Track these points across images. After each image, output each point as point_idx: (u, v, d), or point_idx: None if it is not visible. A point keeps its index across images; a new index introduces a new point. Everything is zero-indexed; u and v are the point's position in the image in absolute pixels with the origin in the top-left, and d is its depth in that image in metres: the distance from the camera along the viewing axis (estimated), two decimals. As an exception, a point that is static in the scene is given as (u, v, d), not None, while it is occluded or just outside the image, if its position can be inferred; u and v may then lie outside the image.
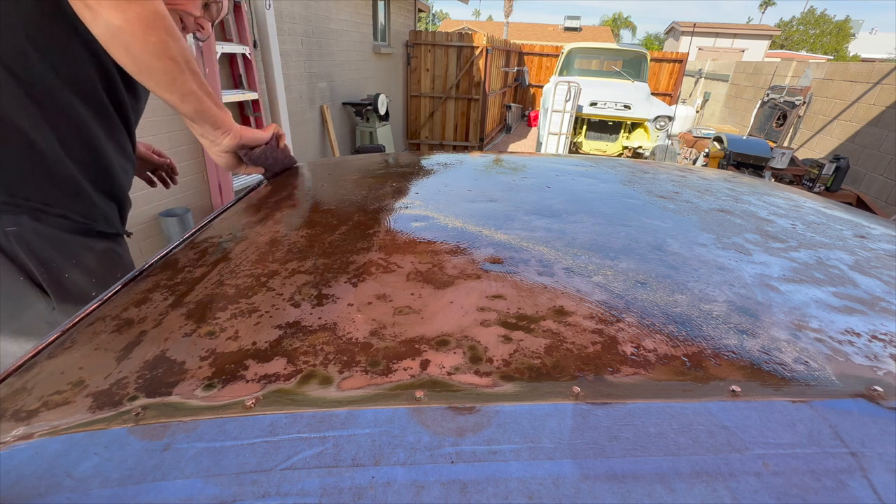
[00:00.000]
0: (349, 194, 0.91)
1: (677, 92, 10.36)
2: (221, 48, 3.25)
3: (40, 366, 0.45)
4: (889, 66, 5.53)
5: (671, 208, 0.86)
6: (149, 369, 0.43)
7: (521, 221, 0.76)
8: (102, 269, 0.91)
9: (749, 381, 0.40)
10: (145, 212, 3.00)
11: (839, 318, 0.51)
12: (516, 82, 11.47)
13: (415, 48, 7.73)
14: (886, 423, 0.36)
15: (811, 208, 0.93)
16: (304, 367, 0.42)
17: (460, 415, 0.37)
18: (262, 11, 3.69)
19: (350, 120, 6.06)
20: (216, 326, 0.49)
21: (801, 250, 0.69)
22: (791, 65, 8.03)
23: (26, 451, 0.35)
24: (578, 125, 6.70)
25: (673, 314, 0.50)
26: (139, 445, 0.35)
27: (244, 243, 0.69)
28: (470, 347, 0.45)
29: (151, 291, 0.57)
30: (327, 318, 0.49)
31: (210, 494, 0.31)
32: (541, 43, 16.03)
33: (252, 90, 3.66)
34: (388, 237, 0.69)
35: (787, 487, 0.31)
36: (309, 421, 0.36)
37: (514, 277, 0.57)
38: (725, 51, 27.86)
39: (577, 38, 26.20)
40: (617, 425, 0.36)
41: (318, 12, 4.89)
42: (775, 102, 6.22)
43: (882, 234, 0.79)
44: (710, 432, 0.35)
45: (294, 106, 4.51)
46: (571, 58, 7.66)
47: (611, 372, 0.41)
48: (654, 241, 0.69)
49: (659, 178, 1.10)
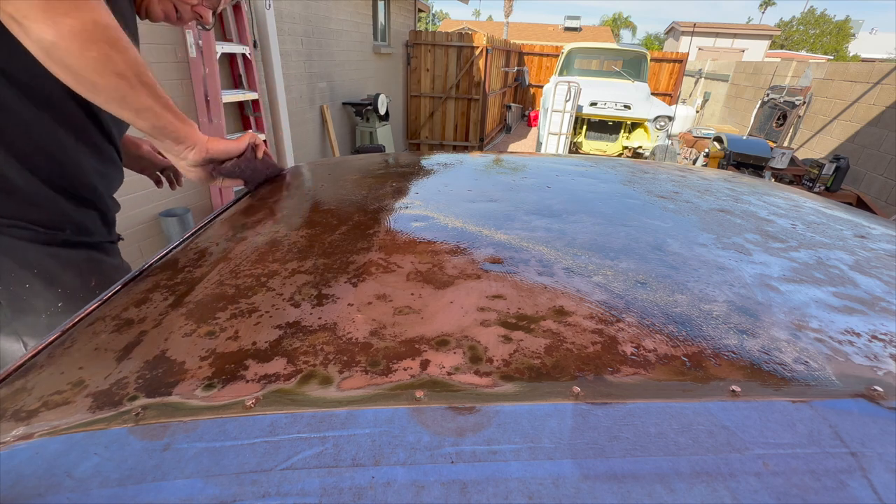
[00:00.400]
0: (349, 194, 0.91)
1: (677, 92, 10.36)
2: (221, 48, 3.25)
3: (40, 366, 0.45)
4: (889, 66, 5.53)
5: (671, 208, 0.86)
6: (149, 369, 0.43)
7: (521, 221, 0.76)
8: (73, 277, 0.86)
9: (749, 381, 0.40)
10: (145, 212, 3.00)
11: (839, 318, 0.51)
12: (516, 82, 11.46)
13: (415, 48, 7.73)
14: (886, 423, 0.36)
15: (811, 208, 0.93)
16: (304, 367, 0.42)
17: (460, 415, 0.37)
18: (262, 11, 3.69)
19: (350, 120, 6.06)
20: (216, 326, 0.49)
21: (801, 250, 0.69)
22: (791, 65, 8.03)
23: (26, 451, 0.35)
24: (578, 125, 6.70)
25: (673, 314, 0.50)
26: (139, 445, 0.35)
27: (244, 243, 0.69)
28: (470, 347, 0.45)
29: (151, 291, 0.57)
30: (327, 318, 0.49)
31: (210, 494, 0.31)
32: (541, 43, 16.03)
33: (252, 90, 3.66)
34: (388, 237, 0.69)
35: (787, 487, 0.31)
36: (309, 421, 0.36)
37: (514, 277, 0.57)
38: (725, 51, 27.86)
39: (577, 38, 26.20)
40: (617, 425, 0.36)
41: (318, 12, 4.89)
42: (775, 102, 6.22)
43: (882, 234, 0.79)
44: (710, 432, 0.35)
45: (294, 106, 4.51)
46: (571, 58, 7.66)
47: (611, 372, 0.41)
48: (654, 241, 0.69)
49: (659, 178, 1.10)
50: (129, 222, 2.90)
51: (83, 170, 0.84)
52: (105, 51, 0.64)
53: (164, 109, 0.74)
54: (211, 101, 3.21)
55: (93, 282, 0.88)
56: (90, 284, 0.87)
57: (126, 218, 2.86)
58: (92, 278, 0.88)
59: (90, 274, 0.89)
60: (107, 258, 0.94)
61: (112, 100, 0.68)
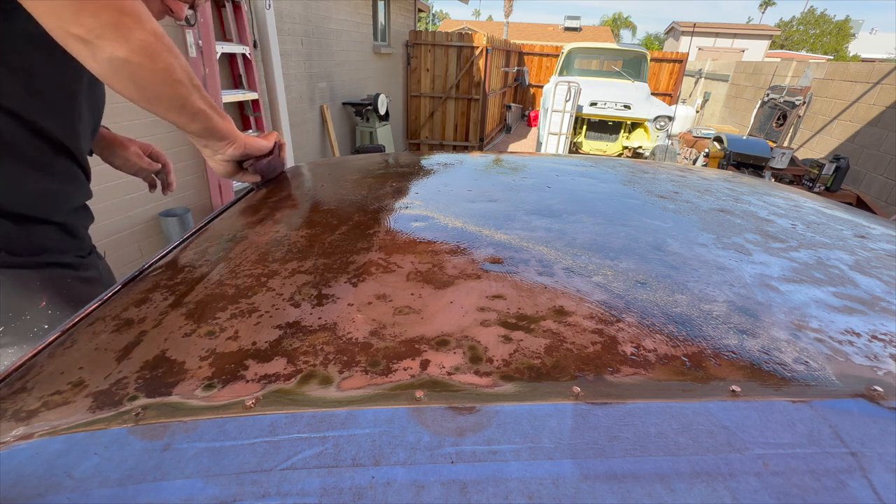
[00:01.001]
0: (349, 194, 0.91)
1: (677, 92, 10.36)
2: (221, 48, 3.25)
3: (40, 366, 0.45)
4: (889, 66, 5.53)
5: (671, 208, 0.86)
6: (149, 369, 0.43)
7: (521, 221, 0.75)
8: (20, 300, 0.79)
9: (749, 381, 0.40)
10: (145, 212, 3.00)
11: (839, 318, 0.51)
12: (516, 82, 11.46)
13: (415, 48, 7.73)
14: (886, 423, 0.36)
15: (811, 208, 0.93)
16: (304, 367, 0.42)
17: (460, 415, 0.37)
18: (262, 11, 3.69)
19: (350, 120, 6.06)
20: (216, 326, 0.49)
21: (801, 250, 0.69)
22: (791, 65, 8.03)
23: (26, 451, 0.35)
24: (578, 125, 6.70)
25: (673, 314, 0.50)
26: (139, 445, 0.35)
27: (244, 243, 0.69)
28: (470, 347, 0.45)
29: (151, 291, 0.57)
30: (327, 318, 0.49)
31: (210, 494, 0.31)
32: (541, 43, 16.03)
33: (252, 90, 3.66)
34: (388, 237, 0.69)
35: (787, 487, 0.31)
36: (309, 421, 0.36)
37: (514, 277, 0.57)
38: (725, 51, 27.86)
39: (577, 38, 26.20)
40: (617, 425, 0.36)
41: (318, 12, 4.89)
42: (775, 102, 6.22)
43: (882, 234, 0.79)
44: (710, 432, 0.35)
45: (294, 106, 4.51)
46: (571, 58, 7.67)
47: (611, 372, 0.41)
48: (654, 241, 0.69)
49: (659, 178, 1.10)
50: (129, 222, 2.90)
51: (21, 188, 0.77)
52: (169, 60, 0.65)
53: (212, 110, 0.75)
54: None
55: (42, 302, 0.82)
56: (39, 305, 0.81)
57: (126, 218, 2.86)
58: (42, 298, 0.82)
59: (39, 293, 0.82)
60: (73, 273, 0.87)
61: (173, 107, 0.69)
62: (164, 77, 0.65)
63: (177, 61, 0.67)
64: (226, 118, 0.80)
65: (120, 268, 2.84)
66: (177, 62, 0.67)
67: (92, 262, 0.93)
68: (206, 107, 0.74)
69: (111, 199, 2.70)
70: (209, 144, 0.81)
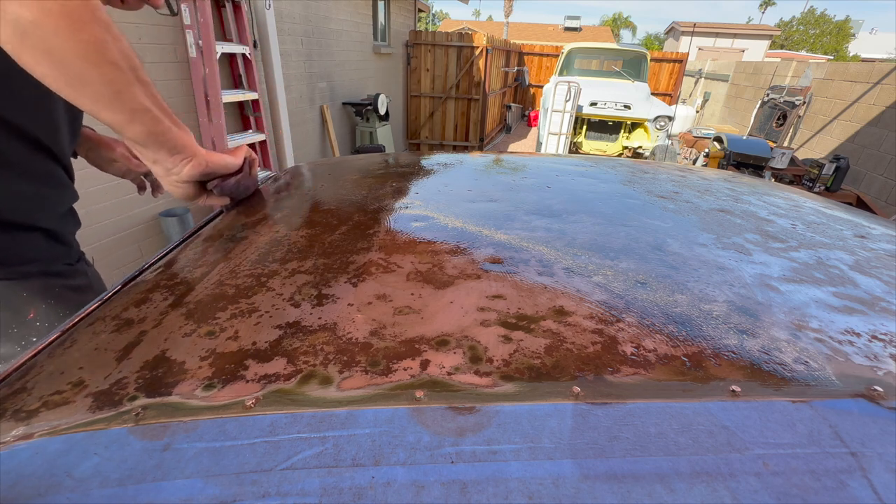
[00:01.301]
0: (349, 194, 0.91)
1: (677, 92, 10.36)
2: (221, 48, 3.25)
3: (40, 366, 0.45)
4: (889, 66, 5.53)
5: (671, 208, 0.86)
6: (149, 369, 0.43)
7: (521, 221, 0.75)
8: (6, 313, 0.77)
9: (749, 381, 0.40)
10: (145, 212, 3.00)
11: (839, 318, 0.51)
12: (516, 82, 11.47)
13: (415, 48, 7.73)
14: (886, 423, 0.36)
15: (811, 208, 0.93)
16: (304, 367, 0.42)
17: (460, 415, 0.37)
18: (262, 11, 3.69)
19: (350, 120, 6.07)
20: (216, 326, 0.49)
21: (801, 250, 0.69)
22: (791, 65, 8.03)
23: (26, 451, 0.35)
24: (578, 125, 6.71)
25: (673, 314, 0.50)
26: (139, 445, 0.35)
27: (244, 243, 0.69)
28: (470, 347, 0.45)
29: (151, 291, 0.57)
30: (327, 318, 0.49)
31: (210, 494, 0.31)
32: (541, 43, 16.03)
33: (252, 90, 3.67)
34: (388, 237, 0.69)
35: (787, 487, 0.31)
36: (309, 421, 0.36)
37: (514, 277, 0.57)
38: (725, 51, 27.86)
39: (577, 38, 26.20)
40: (617, 425, 0.36)
41: (318, 12, 4.89)
42: (775, 102, 6.22)
43: (882, 234, 0.79)
44: (710, 432, 0.35)
45: (294, 106, 4.51)
46: (571, 58, 7.67)
47: (611, 372, 0.41)
48: (654, 241, 0.69)
49: (659, 178, 1.10)
50: (129, 222, 2.90)
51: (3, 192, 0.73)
52: (99, 34, 0.52)
53: (161, 113, 0.62)
54: (211, 101, 3.21)
55: (30, 314, 0.78)
56: (27, 317, 0.78)
57: (126, 218, 2.86)
58: (29, 310, 0.78)
59: (27, 305, 0.78)
60: (61, 281, 0.84)
61: (103, 96, 0.56)
62: (89, 53, 0.52)
63: (114, 41, 0.54)
64: (182, 127, 0.67)
65: (120, 268, 2.84)
66: (114, 42, 0.54)
67: (81, 269, 0.89)
68: (152, 106, 0.60)
69: (111, 199, 2.70)
70: (159, 160, 0.66)
